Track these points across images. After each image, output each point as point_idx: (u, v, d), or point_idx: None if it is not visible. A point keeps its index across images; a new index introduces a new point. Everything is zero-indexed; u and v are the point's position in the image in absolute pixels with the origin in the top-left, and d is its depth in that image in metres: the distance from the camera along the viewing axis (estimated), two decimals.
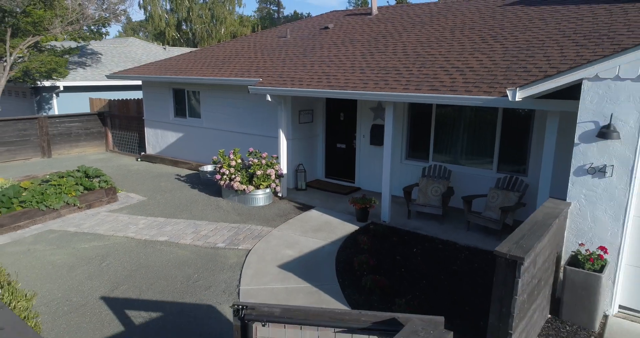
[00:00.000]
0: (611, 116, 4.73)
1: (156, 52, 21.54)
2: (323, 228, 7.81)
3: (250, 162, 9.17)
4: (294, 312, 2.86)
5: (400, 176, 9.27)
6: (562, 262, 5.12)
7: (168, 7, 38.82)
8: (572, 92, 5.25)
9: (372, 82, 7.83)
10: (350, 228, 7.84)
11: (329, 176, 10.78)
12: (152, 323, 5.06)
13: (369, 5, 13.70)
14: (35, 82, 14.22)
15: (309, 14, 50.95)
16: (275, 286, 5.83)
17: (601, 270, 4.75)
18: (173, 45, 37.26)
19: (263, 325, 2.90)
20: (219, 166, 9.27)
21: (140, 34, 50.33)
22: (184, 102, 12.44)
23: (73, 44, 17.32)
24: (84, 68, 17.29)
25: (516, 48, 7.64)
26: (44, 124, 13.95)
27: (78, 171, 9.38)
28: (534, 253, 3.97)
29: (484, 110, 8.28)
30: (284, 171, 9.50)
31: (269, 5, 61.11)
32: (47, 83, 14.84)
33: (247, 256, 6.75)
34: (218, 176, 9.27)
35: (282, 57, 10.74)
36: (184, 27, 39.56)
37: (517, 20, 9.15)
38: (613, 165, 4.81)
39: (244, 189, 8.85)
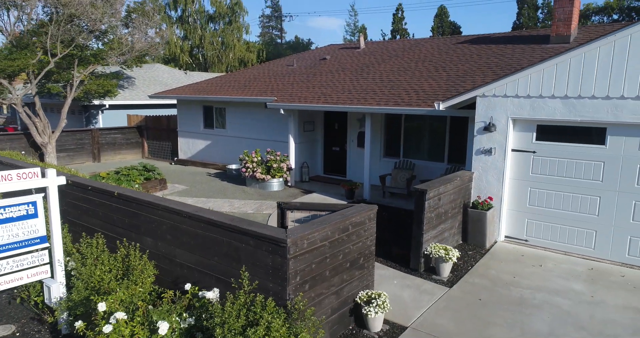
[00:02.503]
0: (492, 117, 7.96)
1: (179, 77, 25.02)
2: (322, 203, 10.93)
3: (268, 158, 12.36)
4: (304, 204, 6.00)
5: (379, 170, 12.43)
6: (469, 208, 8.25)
7: (181, 35, 42.67)
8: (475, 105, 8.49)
9: (356, 100, 11.10)
10: (341, 203, 10.97)
11: (327, 172, 13.95)
12: None
13: (359, 40, 17.13)
14: (91, 101, 17.52)
15: (309, 40, 55.00)
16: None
17: (488, 209, 7.88)
18: (186, 69, 40.92)
19: (291, 212, 6.03)
20: (245, 162, 12.45)
21: (153, 57, 54.17)
22: (212, 116, 15.71)
23: (114, 69, 20.71)
24: (123, 90, 20.64)
25: (456, 76, 10.94)
26: (95, 135, 17.22)
27: (139, 166, 12.55)
28: (437, 191, 7.10)
29: (437, 119, 11.50)
30: (293, 166, 12.68)
31: (271, 30, 65.42)
32: (96, 102, 18.14)
33: (269, 217, 9.87)
34: (243, 170, 12.44)
35: (291, 81, 14.06)
36: (194, 51, 43.32)
37: (462, 55, 12.50)
38: (495, 147, 8.00)
39: (264, 178, 12.02)
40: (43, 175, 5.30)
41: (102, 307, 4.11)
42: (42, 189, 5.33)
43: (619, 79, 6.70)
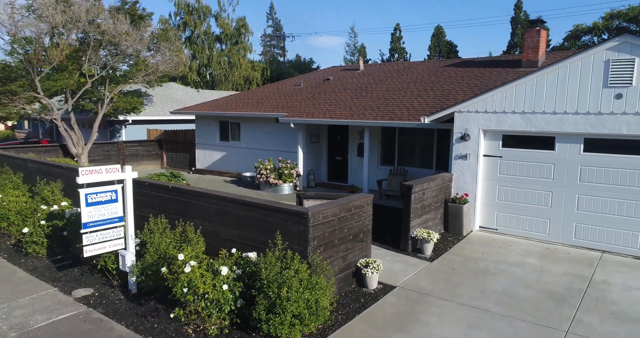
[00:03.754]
0: (466, 129, 9.78)
1: (192, 94, 27.02)
2: None
3: (279, 166, 14.15)
4: (317, 194, 7.78)
5: (376, 176, 14.20)
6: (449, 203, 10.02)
7: (189, 54, 44.89)
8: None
9: (356, 115, 12.95)
10: None
11: (330, 179, 15.74)
12: None
13: (358, 62, 19.12)
14: (117, 117, 19.40)
15: (311, 59, 57.41)
16: None
17: (464, 204, 9.64)
18: (194, 87, 43.03)
19: (307, 200, 7.79)
20: (259, 169, 14.24)
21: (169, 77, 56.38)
22: (227, 130, 17.57)
23: (133, 87, 22.66)
24: (143, 107, 22.56)
25: (441, 94, 12.83)
26: (121, 147, 19.06)
27: (167, 173, 14.34)
28: (422, 187, 8.88)
29: (427, 132, 13.33)
30: (301, 172, 14.46)
31: (272, 49, 67.95)
32: (121, 117, 20.03)
33: None
34: (258, 176, 14.22)
35: (299, 99, 15.97)
36: (201, 70, 45.49)
37: (447, 77, 14.43)
38: (470, 153, 9.81)
39: (276, 182, 13.80)
40: (122, 171, 7.10)
41: (180, 256, 5.85)
42: (120, 181, 7.12)
43: (562, 98, 8.55)
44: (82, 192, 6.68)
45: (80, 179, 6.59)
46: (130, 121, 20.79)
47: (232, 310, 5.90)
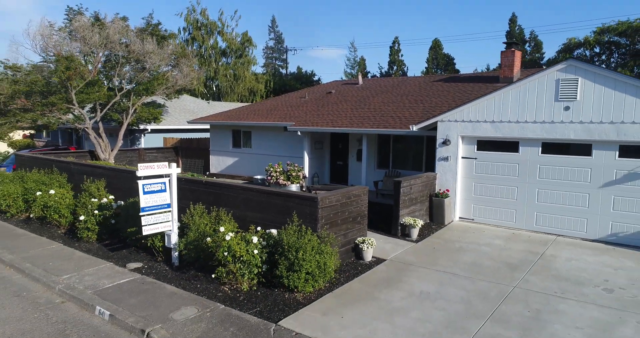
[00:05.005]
0: (447, 135, 11.68)
1: (203, 106, 29.03)
2: None
3: (288, 169, 16.01)
4: (323, 186, 9.64)
5: (373, 178, 16.05)
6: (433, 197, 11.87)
7: (196, 67, 47.04)
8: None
9: (355, 124, 14.86)
10: None
11: (332, 181, 17.59)
12: None
13: (357, 77, 21.11)
14: (139, 126, 21.32)
15: (312, 71, 59.52)
16: None
17: (446, 198, 11.49)
18: (202, 98, 45.11)
19: (315, 192, 9.65)
20: (270, 171, 16.09)
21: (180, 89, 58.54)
22: (239, 138, 19.48)
23: (149, 99, 24.60)
24: (162, 116, 24.51)
25: (429, 106, 14.75)
26: (142, 153, 20.96)
27: (188, 174, 16.18)
28: (409, 182, 10.73)
29: (417, 139, 15.21)
30: (307, 175, 16.33)
31: (274, 61, 70.30)
32: (142, 126, 21.96)
33: None
34: (269, 178, 16.07)
35: (304, 110, 17.90)
36: (208, 82, 47.62)
37: (435, 90, 16.38)
38: (450, 156, 11.69)
39: (285, 183, 15.64)
40: (169, 167, 8.97)
41: (222, 229, 7.69)
42: (167, 175, 8.98)
43: (524, 110, 10.46)
44: (140, 183, 8.55)
45: (139, 173, 8.47)
46: (150, 130, 22.70)
47: (259, 273, 7.73)
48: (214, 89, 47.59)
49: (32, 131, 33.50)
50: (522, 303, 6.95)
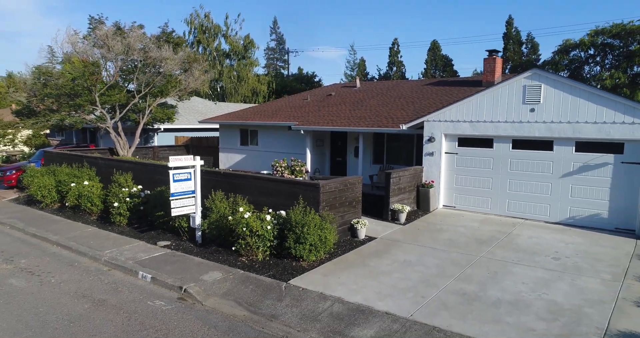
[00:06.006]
0: (432, 133, 13.36)
1: (211, 106, 30.72)
2: None
3: (292, 164, 17.69)
4: (324, 177, 11.32)
5: (369, 172, 17.71)
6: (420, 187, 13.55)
7: (206, 71, 48.65)
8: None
9: (353, 124, 16.53)
10: None
11: (332, 175, 19.23)
12: None
13: (355, 80, 22.79)
14: (153, 125, 23.00)
15: (313, 73, 61.21)
16: None
17: (431, 188, 13.17)
18: (207, 99, 46.78)
19: (317, 181, 11.33)
20: (275, 166, 17.76)
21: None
22: (247, 136, 21.15)
23: (163, 100, 26.27)
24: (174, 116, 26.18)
25: (419, 107, 16.42)
26: (156, 151, 22.64)
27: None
28: (398, 174, 12.41)
29: (408, 137, 16.86)
30: (309, 170, 17.99)
31: (275, 62, 71.99)
32: (155, 126, 23.63)
33: None
34: (274, 172, 17.73)
35: (307, 111, 19.58)
36: (212, 84, 49.27)
37: (426, 93, 18.06)
38: (435, 151, 13.36)
39: (290, 177, 17.31)
40: (194, 159, 10.65)
41: (241, 209, 9.37)
42: (192, 167, 10.66)
43: (497, 111, 12.13)
44: (171, 172, 10.23)
45: (170, 164, 10.17)
46: (162, 129, 24.37)
47: (271, 246, 9.40)
48: (219, 90, 49.26)
49: (47, 131, 35.13)
50: (484, 268, 8.63)
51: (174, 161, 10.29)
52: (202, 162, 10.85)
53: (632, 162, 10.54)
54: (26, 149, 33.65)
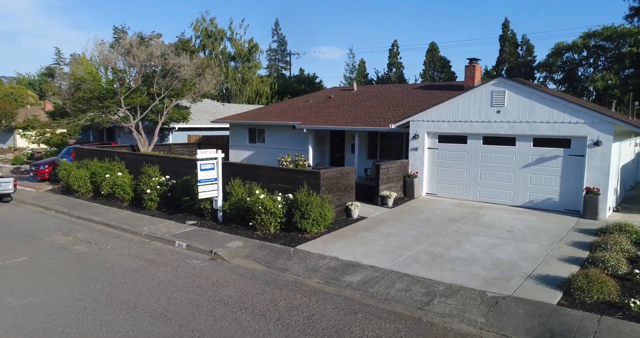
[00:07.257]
0: (417, 131, 15.61)
1: (219, 107, 33.01)
2: None
3: (296, 159, 19.94)
4: (324, 167, 13.58)
5: (364, 166, 19.93)
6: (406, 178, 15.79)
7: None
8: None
9: (350, 123, 18.77)
10: None
11: (331, 166, 21.46)
12: None
13: (353, 83, 25.03)
14: (169, 125, 25.26)
15: (314, 74, 63.43)
16: None
17: (415, 178, 15.42)
18: (214, 100, 49.04)
19: (318, 169, 13.59)
20: (281, 161, 20.02)
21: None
22: (255, 135, 23.41)
23: (180, 101, 28.53)
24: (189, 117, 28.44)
25: (408, 109, 18.67)
26: (172, 148, 24.92)
27: None
28: (387, 166, 14.67)
29: (398, 135, 19.10)
30: (311, 164, 20.26)
31: (277, 63, 74.26)
32: (171, 125, 25.89)
33: None
34: (280, 166, 19.98)
35: (309, 112, 21.84)
36: (218, 85, 51.52)
37: (416, 96, 20.31)
38: (419, 147, 15.61)
39: None
40: (216, 152, 12.91)
41: (257, 191, 11.63)
42: (215, 158, 12.91)
43: (472, 112, 14.36)
44: (199, 163, 12.49)
45: (198, 156, 12.43)
46: (177, 128, 26.66)
47: (280, 222, 11.65)
48: (224, 91, 51.53)
49: (64, 130, 37.42)
50: (450, 237, 10.88)
51: (201, 153, 12.55)
52: (223, 155, 13.10)
53: (577, 155, 12.79)
54: (44, 147, 35.91)
